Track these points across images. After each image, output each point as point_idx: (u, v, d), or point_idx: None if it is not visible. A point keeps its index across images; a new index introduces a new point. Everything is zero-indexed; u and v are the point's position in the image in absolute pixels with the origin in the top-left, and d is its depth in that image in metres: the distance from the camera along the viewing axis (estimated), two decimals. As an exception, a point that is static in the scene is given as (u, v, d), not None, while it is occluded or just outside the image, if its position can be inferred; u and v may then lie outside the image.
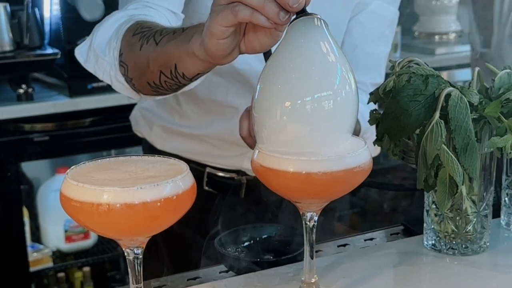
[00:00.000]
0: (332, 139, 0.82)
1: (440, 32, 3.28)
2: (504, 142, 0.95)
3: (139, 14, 1.14)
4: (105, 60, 1.12)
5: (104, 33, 1.14)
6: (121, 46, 1.10)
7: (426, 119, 0.94)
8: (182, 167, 0.78)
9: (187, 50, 0.93)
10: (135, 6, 1.17)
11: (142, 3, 1.18)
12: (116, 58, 1.10)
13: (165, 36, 1.00)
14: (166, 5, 1.19)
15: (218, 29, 0.85)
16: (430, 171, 0.94)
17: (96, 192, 0.71)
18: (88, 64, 1.17)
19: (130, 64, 1.08)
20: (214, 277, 1.06)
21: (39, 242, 2.59)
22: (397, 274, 1.02)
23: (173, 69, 0.98)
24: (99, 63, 1.14)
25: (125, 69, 1.09)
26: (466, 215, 1.03)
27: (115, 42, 1.10)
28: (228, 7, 0.84)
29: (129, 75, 1.09)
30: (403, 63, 1.02)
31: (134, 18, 1.12)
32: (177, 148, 1.40)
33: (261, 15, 0.82)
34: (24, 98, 2.41)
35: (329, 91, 0.80)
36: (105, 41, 1.13)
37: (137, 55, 1.05)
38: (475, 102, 0.96)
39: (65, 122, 2.42)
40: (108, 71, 1.13)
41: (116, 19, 1.15)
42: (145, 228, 0.75)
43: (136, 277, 0.79)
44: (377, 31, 1.40)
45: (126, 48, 1.09)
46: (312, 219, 0.87)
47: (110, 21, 1.15)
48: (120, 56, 1.10)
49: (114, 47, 1.10)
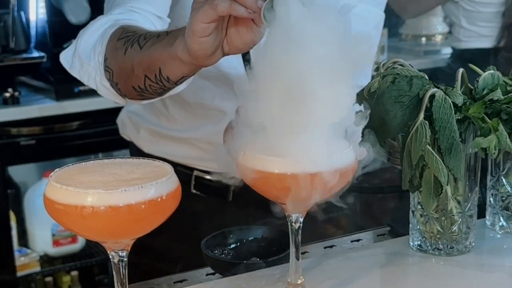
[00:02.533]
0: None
1: (426, 34, 3.30)
2: (488, 143, 0.96)
3: (124, 18, 1.15)
4: (90, 65, 1.13)
5: (89, 38, 1.14)
6: (106, 51, 1.10)
7: (410, 120, 0.95)
8: (167, 169, 0.78)
9: (171, 53, 0.94)
10: (120, 11, 1.17)
11: (127, 7, 1.18)
12: (101, 63, 1.10)
13: (149, 40, 1.01)
14: (151, 9, 1.19)
15: (200, 26, 0.86)
16: (415, 171, 0.95)
17: (80, 195, 0.71)
18: (73, 70, 1.17)
19: (115, 69, 1.09)
20: (200, 279, 1.06)
21: (27, 247, 2.58)
22: (383, 274, 1.03)
23: (158, 73, 0.99)
24: (84, 68, 1.14)
25: (110, 74, 1.10)
26: (451, 216, 1.03)
27: (100, 47, 1.11)
28: (207, 2, 0.85)
29: (114, 79, 1.09)
30: (387, 65, 1.02)
31: (118, 23, 1.12)
32: (164, 151, 1.39)
33: (240, 6, 0.84)
34: (11, 102, 2.40)
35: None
36: (90, 46, 1.13)
37: (121, 59, 1.06)
38: (459, 103, 0.97)
39: (52, 126, 2.41)
40: (93, 76, 1.13)
41: (101, 24, 1.15)
42: (129, 231, 0.75)
43: (121, 280, 0.79)
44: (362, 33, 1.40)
45: (111, 53, 1.09)
46: (298, 221, 0.87)
47: (95, 26, 1.15)
48: (105, 61, 1.10)
49: (99, 52, 1.11)
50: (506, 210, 1.13)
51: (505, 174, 1.12)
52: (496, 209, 1.14)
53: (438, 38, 3.30)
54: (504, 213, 1.13)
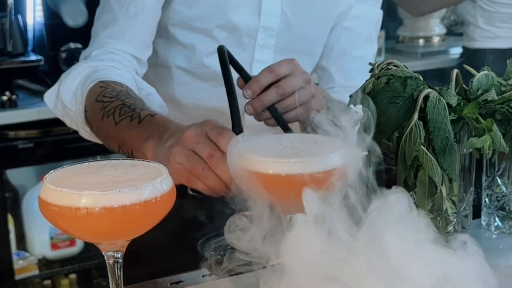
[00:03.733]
0: None
1: (424, 36, 3.30)
2: (482, 143, 0.96)
3: (102, 66, 1.18)
4: (72, 111, 1.18)
5: (70, 85, 1.18)
6: (85, 104, 1.14)
7: (405, 120, 0.95)
8: (161, 170, 0.78)
9: (141, 149, 0.98)
10: (99, 52, 1.21)
11: (105, 48, 1.22)
12: (82, 112, 1.15)
13: (123, 119, 1.05)
14: (130, 50, 1.23)
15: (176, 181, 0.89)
16: (409, 172, 0.95)
17: (74, 196, 0.71)
18: (56, 111, 1.22)
19: (94, 125, 1.14)
20: (197, 280, 1.06)
21: (25, 250, 2.58)
22: (379, 275, 1.03)
23: (130, 153, 1.04)
24: (66, 113, 1.19)
25: (90, 127, 1.15)
26: (446, 216, 1.03)
27: (80, 97, 1.15)
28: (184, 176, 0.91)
29: (94, 132, 1.15)
30: (382, 65, 1.03)
31: (96, 75, 1.15)
32: (161, 153, 1.40)
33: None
34: (8, 105, 2.40)
35: None
36: (71, 93, 1.17)
37: (99, 123, 1.11)
38: (453, 104, 0.97)
39: (50, 129, 2.42)
40: (75, 120, 1.18)
41: (80, 70, 1.19)
42: (124, 232, 0.75)
43: (116, 281, 0.79)
44: (364, 34, 1.42)
45: (90, 110, 1.13)
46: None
47: (75, 72, 1.19)
48: (85, 112, 1.14)
49: (80, 101, 1.16)
50: (501, 211, 1.13)
51: (500, 174, 1.12)
52: (492, 210, 1.14)
53: (435, 40, 3.31)
54: (500, 213, 1.14)
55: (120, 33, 1.22)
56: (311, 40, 1.38)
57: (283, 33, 1.32)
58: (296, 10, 1.32)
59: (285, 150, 0.84)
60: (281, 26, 1.31)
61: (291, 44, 1.33)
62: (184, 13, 1.24)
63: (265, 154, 0.82)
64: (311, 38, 1.37)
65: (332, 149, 0.84)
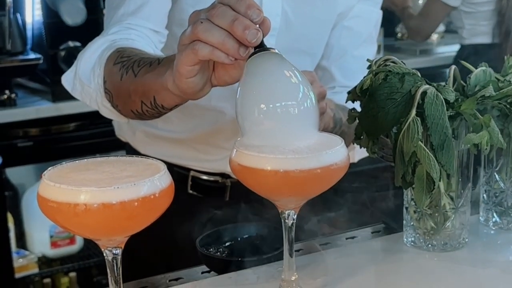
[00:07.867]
0: (300, 134, 0.86)
1: (422, 34, 3.30)
2: (480, 139, 0.97)
3: (120, 38, 1.16)
4: (90, 88, 1.15)
5: (88, 61, 1.16)
6: (104, 74, 1.12)
7: (402, 116, 0.95)
8: (160, 166, 0.78)
9: (162, 85, 0.95)
10: (116, 29, 1.19)
11: (123, 25, 1.19)
12: (101, 85, 1.13)
13: (142, 67, 1.02)
14: (148, 24, 1.21)
15: (184, 68, 0.87)
16: (407, 168, 0.95)
17: (73, 193, 0.71)
18: (75, 92, 1.19)
19: (114, 92, 1.11)
20: (196, 277, 1.06)
21: (25, 248, 2.58)
22: (377, 271, 1.03)
23: (153, 101, 1.01)
24: (85, 91, 1.16)
25: (110, 96, 1.12)
26: (444, 212, 1.04)
27: (99, 69, 1.13)
28: (189, 46, 0.85)
29: (114, 102, 1.12)
30: (379, 62, 1.03)
31: (115, 45, 1.13)
32: (160, 152, 1.40)
33: (221, 52, 0.84)
34: (7, 104, 2.40)
35: (293, 101, 0.84)
36: (89, 69, 1.15)
37: (118, 85, 1.08)
38: (451, 100, 0.97)
39: (49, 127, 2.42)
40: (94, 98, 1.15)
41: (98, 45, 1.16)
42: (123, 228, 0.75)
43: (115, 277, 0.79)
44: (364, 34, 1.42)
45: (108, 77, 1.11)
46: (291, 217, 0.88)
47: (93, 48, 1.17)
48: (104, 84, 1.12)
49: (98, 74, 1.13)
50: (499, 206, 1.14)
51: (498, 170, 1.13)
52: (490, 205, 1.14)
53: (434, 37, 3.31)
54: (498, 209, 1.14)
55: (137, 9, 1.21)
56: (312, 40, 1.38)
57: (283, 32, 1.31)
58: (297, 9, 1.32)
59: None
60: (282, 25, 1.31)
61: (291, 44, 1.33)
62: (190, 13, 1.24)
63: (262, 150, 0.82)
64: (311, 38, 1.37)
65: (328, 145, 0.84)
